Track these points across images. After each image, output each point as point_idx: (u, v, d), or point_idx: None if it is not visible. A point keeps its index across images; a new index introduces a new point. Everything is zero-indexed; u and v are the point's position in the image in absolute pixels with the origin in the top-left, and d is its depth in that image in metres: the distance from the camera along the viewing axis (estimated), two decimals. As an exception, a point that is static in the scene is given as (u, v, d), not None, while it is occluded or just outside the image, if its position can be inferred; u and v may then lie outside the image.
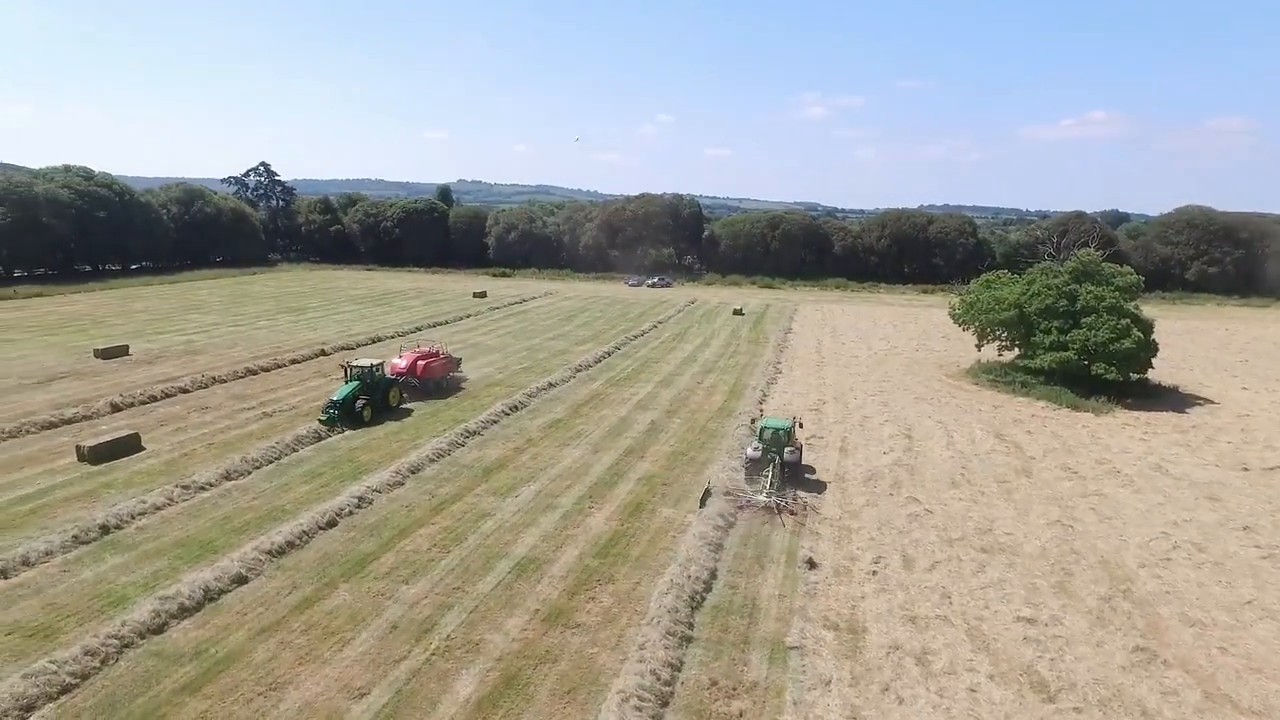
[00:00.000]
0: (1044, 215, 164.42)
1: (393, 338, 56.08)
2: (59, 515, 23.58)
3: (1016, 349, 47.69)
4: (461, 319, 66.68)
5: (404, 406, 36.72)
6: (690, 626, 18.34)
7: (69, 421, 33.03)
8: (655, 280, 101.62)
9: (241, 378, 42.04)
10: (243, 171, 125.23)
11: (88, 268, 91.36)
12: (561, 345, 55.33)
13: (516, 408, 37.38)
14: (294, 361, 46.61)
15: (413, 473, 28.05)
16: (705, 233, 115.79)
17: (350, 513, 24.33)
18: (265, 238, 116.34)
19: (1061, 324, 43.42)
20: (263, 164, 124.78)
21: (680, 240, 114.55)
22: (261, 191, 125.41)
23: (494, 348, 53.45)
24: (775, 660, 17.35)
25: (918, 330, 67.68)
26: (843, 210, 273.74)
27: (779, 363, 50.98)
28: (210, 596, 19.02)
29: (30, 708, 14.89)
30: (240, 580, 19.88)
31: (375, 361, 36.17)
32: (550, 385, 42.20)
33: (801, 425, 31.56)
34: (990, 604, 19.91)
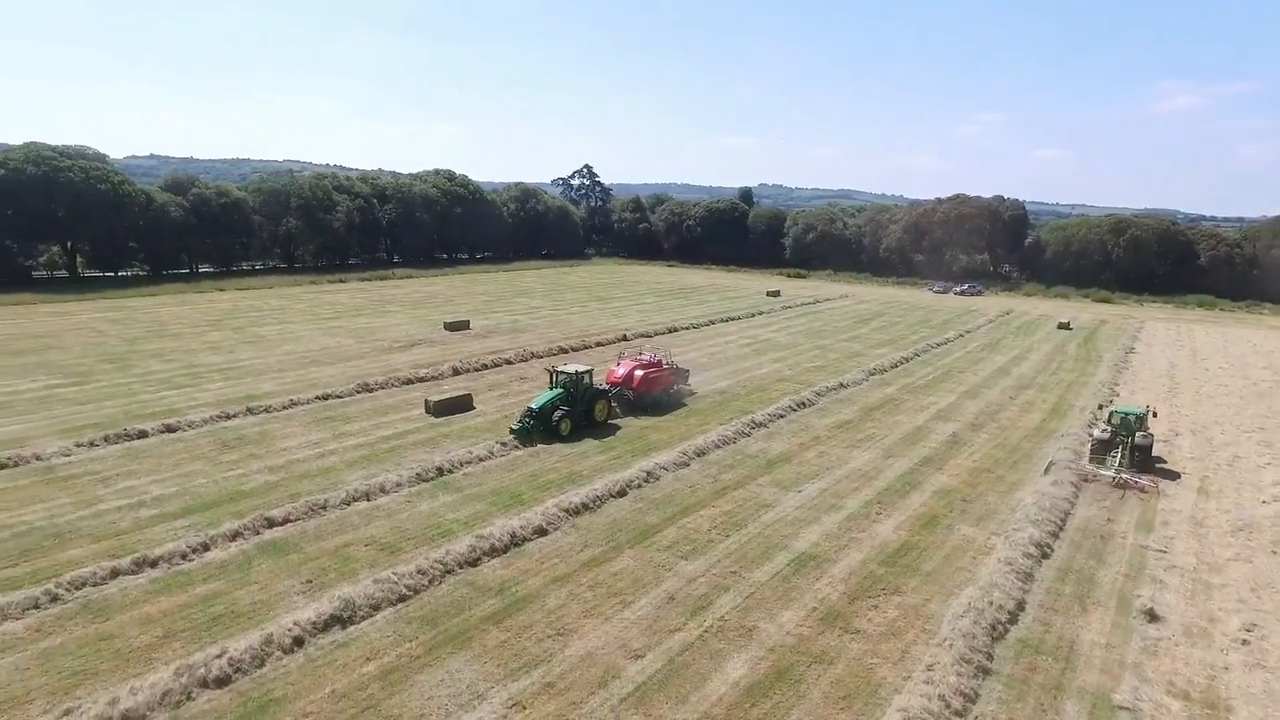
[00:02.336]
0: None
1: (687, 329, 58.20)
2: (408, 456, 27.71)
3: None
4: (753, 315, 67.15)
5: (612, 422, 32.38)
6: (989, 658, 16.16)
7: (421, 380, 39.00)
8: (965, 287, 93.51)
9: (554, 354, 46.40)
10: (569, 174, 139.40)
11: (444, 255, 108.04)
12: (855, 347, 53.08)
13: (804, 405, 36.49)
14: (598, 344, 50.36)
15: (698, 455, 28.58)
16: (1028, 239, 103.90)
17: (639, 485, 25.42)
18: (583, 234, 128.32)
19: None
20: (586, 166, 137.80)
21: (997, 246, 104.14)
22: (584, 192, 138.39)
23: (784, 345, 52.96)
24: (1098, 718, 14.57)
25: (1316, 360, 53.93)
26: (1211, 218, 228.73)
27: (1115, 384, 43.77)
28: (515, 542, 20.93)
29: (376, 608, 17.52)
30: (541, 532, 21.65)
31: (584, 368, 32.38)
32: (841, 386, 40.60)
33: (1155, 415, 31.75)
34: None
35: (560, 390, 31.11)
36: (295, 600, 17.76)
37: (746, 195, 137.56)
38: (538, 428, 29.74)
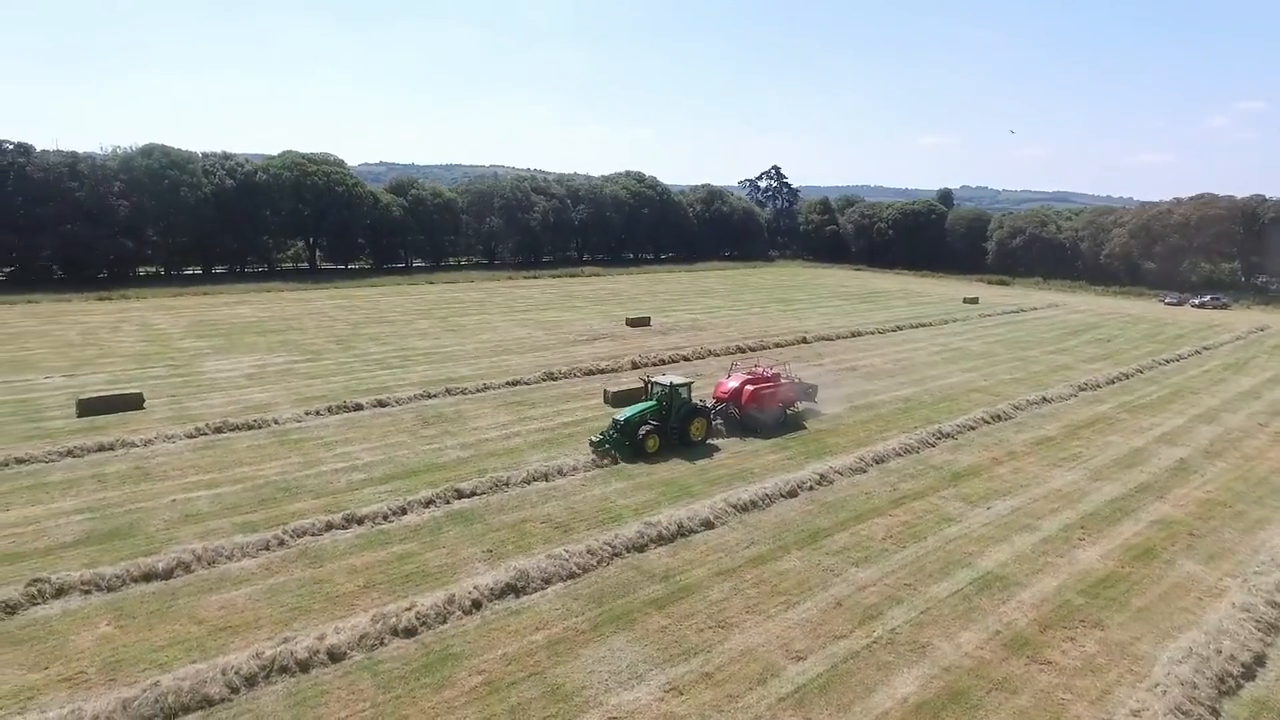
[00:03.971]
0: None
1: (872, 333, 55.81)
2: (586, 442, 28.63)
3: None
4: (946, 323, 63.08)
5: (711, 442, 28.97)
6: (1214, 713, 13.98)
7: (601, 371, 40.41)
8: (1206, 299, 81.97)
9: (731, 353, 46.27)
10: (755, 175, 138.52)
11: (630, 255, 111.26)
12: (1063, 360, 48.23)
13: (999, 417, 33.69)
14: (777, 345, 49.58)
15: (876, 463, 27.28)
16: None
17: (810, 488, 24.69)
18: (768, 235, 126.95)
19: None
20: (774, 168, 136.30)
21: (1251, 253, 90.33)
22: (770, 193, 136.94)
23: (979, 354, 49.26)
24: (1357, 805, 12.17)
25: None
26: None
27: (1404, 416, 36.40)
28: (682, 532, 21.04)
29: (548, 581, 18.32)
30: (707, 525, 21.61)
31: (683, 380, 28.90)
32: (1044, 400, 37.04)
33: None
34: None
35: (653, 403, 28.11)
36: (476, 567, 18.99)
37: (945, 197, 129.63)
38: (621, 442, 26.86)
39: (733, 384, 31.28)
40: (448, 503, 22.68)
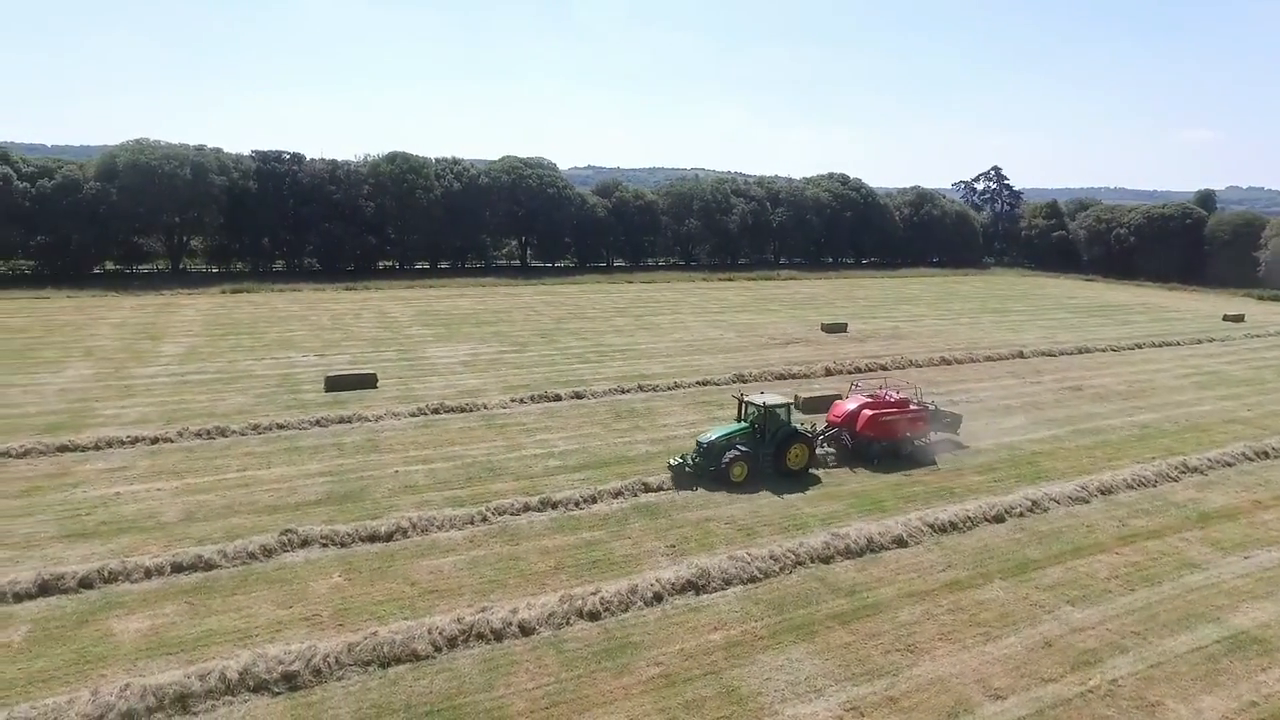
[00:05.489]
0: None
1: (1103, 351, 49.97)
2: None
3: None
4: (1199, 342, 55.01)
5: (815, 471, 25.54)
6: None
7: (794, 376, 39.60)
8: None
9: (935, 365, 43.51)
10: (972, 176, 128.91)
11: (829, 259, 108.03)
12: (1357, 391, 40.34)
13: (1266, 454, 28.86)
14: (988, 359, 45.90)
15: (1102, 493, 24.40)
16: None
17: (1020, 514, 22.61)
18: (983, 241, 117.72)
19: None
20: (994, 168, 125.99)
21: None
22: (988, 196, 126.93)
23: (1241, 380, 42.50)
24: None
25: None
26: None
27: None
28: (871, 548, 20.10)
29: (728, 582, 18.23)
30: (899, 543, 20.47)
31: (780, 401, 25.71)
32: (1328, 437, 31.17)
33: None
34: None
35: (744, 425, 25.45)
36: (659, 560, 19.32)
37: (1206, 199, 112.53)
38: (703, 467, 24.29)
39: (850, 406, 27.57)
40: (635, 495, 23.28)
